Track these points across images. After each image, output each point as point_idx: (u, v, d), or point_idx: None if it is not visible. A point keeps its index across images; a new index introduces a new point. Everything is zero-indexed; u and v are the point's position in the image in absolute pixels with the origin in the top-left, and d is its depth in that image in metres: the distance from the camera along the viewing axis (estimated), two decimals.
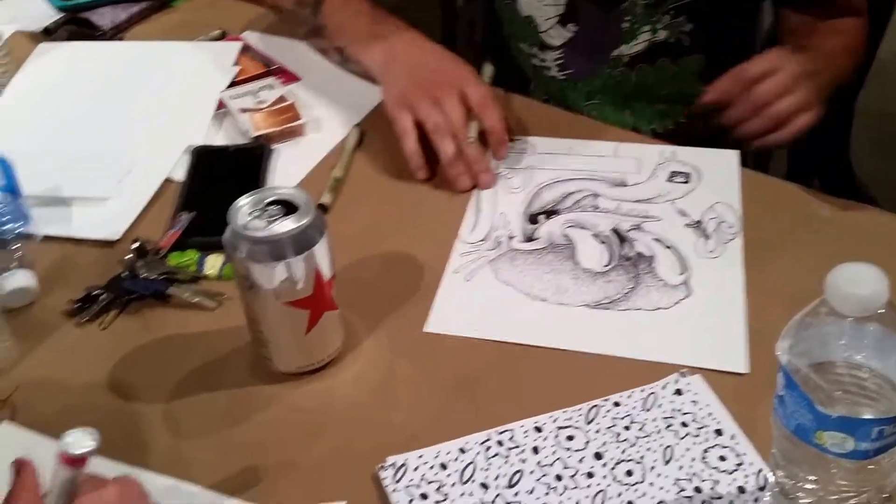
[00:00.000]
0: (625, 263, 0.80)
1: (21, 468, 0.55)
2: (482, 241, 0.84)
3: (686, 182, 0.89)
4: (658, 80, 1.04)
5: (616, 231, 0.84)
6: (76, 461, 0.53)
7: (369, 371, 0.73)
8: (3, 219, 0.80)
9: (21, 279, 0.78)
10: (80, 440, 0.53)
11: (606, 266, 0.80)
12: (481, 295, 0.78)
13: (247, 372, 0.73)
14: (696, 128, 0.96)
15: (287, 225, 0.66)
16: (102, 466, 0.55)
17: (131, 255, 0.81)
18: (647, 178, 0.90)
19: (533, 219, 0.86)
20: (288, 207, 0.67)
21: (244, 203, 0.67)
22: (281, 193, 0.68)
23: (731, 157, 0.92)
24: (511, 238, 0.84)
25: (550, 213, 0.86)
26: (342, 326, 0.73)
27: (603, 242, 0.83)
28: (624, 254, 0.81)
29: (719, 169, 0.90)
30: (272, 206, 0.67)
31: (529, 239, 0.84)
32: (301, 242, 0.66)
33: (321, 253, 0.68)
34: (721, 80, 0.89)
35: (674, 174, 0.90)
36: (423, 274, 0.81)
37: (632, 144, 0.94)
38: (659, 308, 0.76)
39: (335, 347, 0.73)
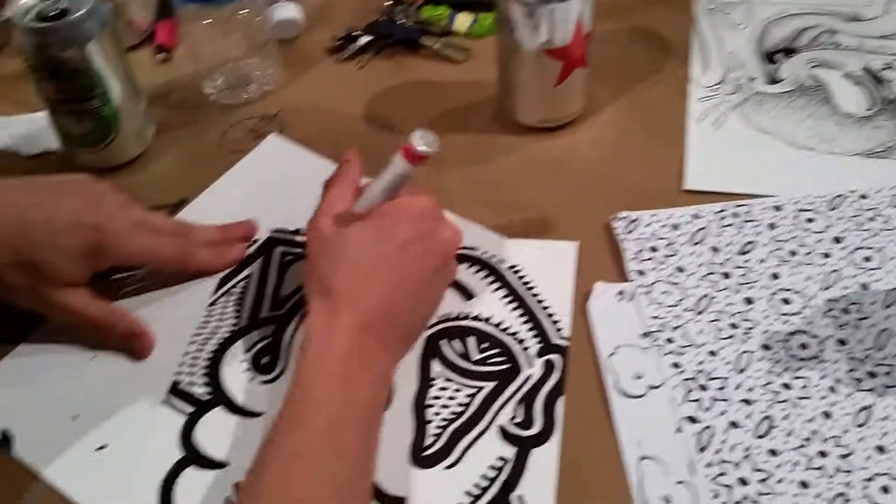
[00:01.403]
0: (889, 107, 0.74)
1: (348, 158, 0.59)
2: (720, 83, 0.78)
3: None
4: None
5: (868, 71, 0.78)
6: (417, 157, 0.55)
7: (608, 135, 0.74)
8: None
9: (290, 11, 0.83)
10: (426, 140, 0.55)
11: (869, 110, 0.74)
12: (737, 145, 0.72)
13: (490, 122, 0.76)
14: None
15: None
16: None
17: (389, 3, 0.85)
18: (883, 11, 0.82)
19: (770, 58, 0.80)
20: None
21: None
22: None
23: None
24: (752, 80, 0.78)
25: (788, 51, 0.80)
26: (587, 89, 0.74)
27: (858, 84, 0.77)
28: (884, 96, 0.75)
29: None
30: None
31: (773, 81, 0.78)
32: None
33: (584, 3, 0.68)
34: None
35: None
36: (665, 52, 0.81)
37: None
38: None
39: (578, 107, 0.75)
